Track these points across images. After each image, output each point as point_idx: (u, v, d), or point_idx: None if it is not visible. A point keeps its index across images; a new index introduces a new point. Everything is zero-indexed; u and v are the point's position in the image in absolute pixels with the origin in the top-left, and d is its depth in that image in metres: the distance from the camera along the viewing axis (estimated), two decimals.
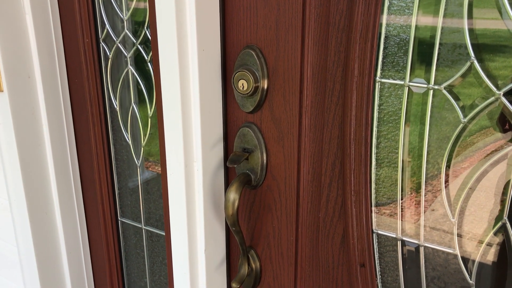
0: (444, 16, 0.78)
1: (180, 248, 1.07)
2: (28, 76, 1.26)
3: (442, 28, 0.78)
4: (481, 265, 0.86)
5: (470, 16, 0.76)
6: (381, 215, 0.93)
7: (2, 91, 1.22)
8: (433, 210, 0.89)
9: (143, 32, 1.15)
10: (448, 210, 0.86)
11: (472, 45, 0.77)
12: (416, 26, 0.80)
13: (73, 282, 1.46)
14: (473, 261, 0.86)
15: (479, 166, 0.82)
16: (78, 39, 1.24)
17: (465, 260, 0.87)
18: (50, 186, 1.36)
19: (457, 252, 0.87)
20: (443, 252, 0.88)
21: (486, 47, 0.76)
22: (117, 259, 1.44)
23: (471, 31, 0.76)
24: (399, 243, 0.93)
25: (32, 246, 1.36)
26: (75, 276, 1.47)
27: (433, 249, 0.89)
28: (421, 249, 0.91)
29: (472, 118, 0.80)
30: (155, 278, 1.40)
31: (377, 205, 0.93)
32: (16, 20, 1.20)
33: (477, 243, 0.85)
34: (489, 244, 0.84)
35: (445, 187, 0.86)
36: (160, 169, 1.27)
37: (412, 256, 0.93)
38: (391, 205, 0.92)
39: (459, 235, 0.86)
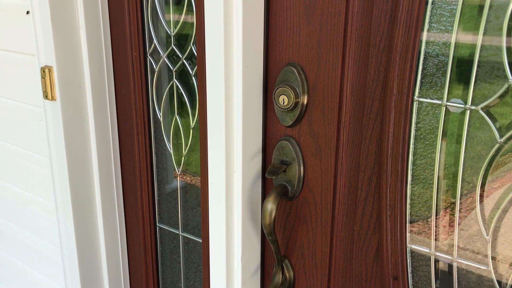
0: (483, 38, 0.80)
1: (218, 254, 1.11)
2: (79, 86, 1.34)
3: (481, 50, 0.81)
4: None
5: (509, 35, 0.78)
6: (415, 230, 0.96)
7: (55, 100, 1.30)
8: (467, 227, 0.90)
9: (189, 48, 1.21)
10: (482, 228, 0.88)
11: (510, 66, 0.79)
12: (455, 48, 0.84)
13: (111, 284, 1.52)
14: (507, 278, 0.87)
15: None
16: (126, 52, 1.31)
17: (500, 276, 0.88)
18: (94, 191, 1.44)
19: (491, 268, 0.88)
20: (477, 268, 0.90)
21: None
22: (153, 263, 1.50)
23: (509, 51, 0.79)
24: (432, 258, 0.95)
25: (74, 248, 1.43)
26: (113, 278, 1.53)
27: (466, 265, 0.91)
28: (454, 265, 0.92)
29: (509, 139, 0.82)
30: (189, 283, 1.45)
31: (411, 220, 0.96)
32: (71, 34, 1.28)
33: None
34: None
35: (480, 205, 0.88)
36: (198, 178, 1.33)
37: (445, 271, 0.94)
38: (425, 220, 0.94)
39: (493, 252, 0.88)
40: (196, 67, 1.21)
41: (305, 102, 1.00)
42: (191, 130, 1.29)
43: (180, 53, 1.24)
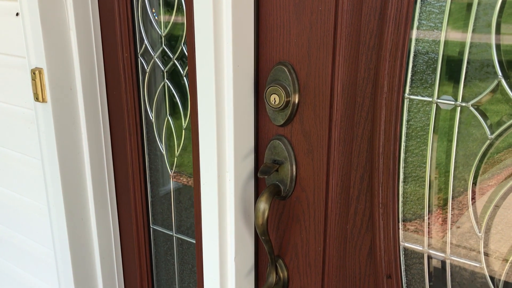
0: (472, 35, 0.80)
1: (211, 255, 1.10)
2: (70, 88, 1.33)
3: (470, 46, 0.81)
4: (509, 278, 0.87)
5: (498, 32, 0.78)
6: (408, 228, 0.96)
7: (46, 102, 1.29)
8: (460, 224, 0.90)
9: (180, 47, 1.21)
10: (474, 225, 0.88)
11: (499, 63, 0.79)
12: (445, 45, 0.83)
13: (105, 286, 1.52)
14: (500, 274, 0.87)
15: (507, 182, 0.84)
16: (117, 53, 1.31)
17: (492, 273, 0.88)
18: (87, 193, 1.43)
19: (484, 265, 0.88)
20: (470, 265, 0.90)
21: None
22: (147, 265, 1.49)
23: (498, 48, 0.79)
24: (425, 256, 0.95)
25: (68, 250, 1.43)
26: (107, 280, 1.52)
27: (459, 262, 0.91)
28: (448, 262, 0.92)
29: (499, 135, 0.82)
30: (184, 285, 1.44)
31: (404, 218, 0.95)
32: (61, 35, 1.28)
33: (504, 256, 0.86)
34: None
35: (472, 202, 0.88)
36: (191, 179, 1.32)
37: (438, 269, 0.94)
38: (418, 218, 0.94)
39: (486, 249, 0.88)
40: (187, 67, 1.20)
41: (296, 101, 1.00)
42: (184, 131, 1.28)
43: (171, 53, 1.24)
